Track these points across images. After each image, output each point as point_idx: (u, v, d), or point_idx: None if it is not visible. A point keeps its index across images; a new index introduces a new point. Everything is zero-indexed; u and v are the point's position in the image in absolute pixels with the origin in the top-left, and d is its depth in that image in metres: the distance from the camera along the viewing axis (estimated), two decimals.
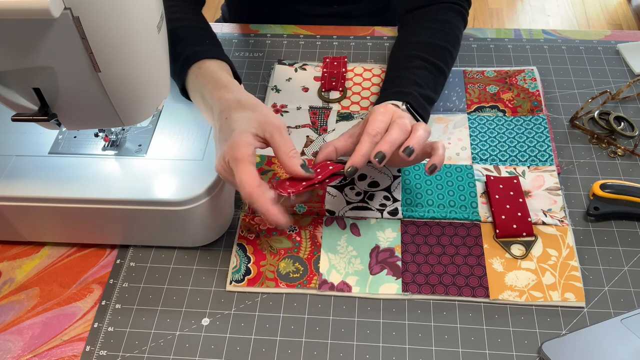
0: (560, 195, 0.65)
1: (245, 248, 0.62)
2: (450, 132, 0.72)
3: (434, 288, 0.58)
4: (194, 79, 0.62)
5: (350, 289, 0.59)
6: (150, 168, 0.59)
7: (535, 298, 0.57)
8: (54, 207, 0.57)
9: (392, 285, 0.59)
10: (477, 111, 0.74)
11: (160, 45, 0.53)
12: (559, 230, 0.62)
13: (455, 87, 0.78)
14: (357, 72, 0.81)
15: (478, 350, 0.55)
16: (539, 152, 0.69)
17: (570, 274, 0.59)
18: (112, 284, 0.61)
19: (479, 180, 0.67)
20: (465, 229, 0.63)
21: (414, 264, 0.60)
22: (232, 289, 0.59)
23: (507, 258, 0.60)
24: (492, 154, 0.69)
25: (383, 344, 0.55)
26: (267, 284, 0.59)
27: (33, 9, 0.40)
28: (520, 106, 0.74)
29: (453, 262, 0.60)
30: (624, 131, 0.72)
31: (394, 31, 0.88)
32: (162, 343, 0.56)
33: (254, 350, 0.55)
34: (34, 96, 0.51)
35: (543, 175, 0.67)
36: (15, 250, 0.64)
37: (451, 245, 0.62)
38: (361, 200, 0.65)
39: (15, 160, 0.60)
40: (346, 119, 0.74)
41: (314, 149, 0.71)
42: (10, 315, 0.59)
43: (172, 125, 0.63)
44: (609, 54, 0.82)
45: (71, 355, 0.56)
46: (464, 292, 0.58)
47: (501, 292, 0.58)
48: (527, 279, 0.59)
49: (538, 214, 0.63)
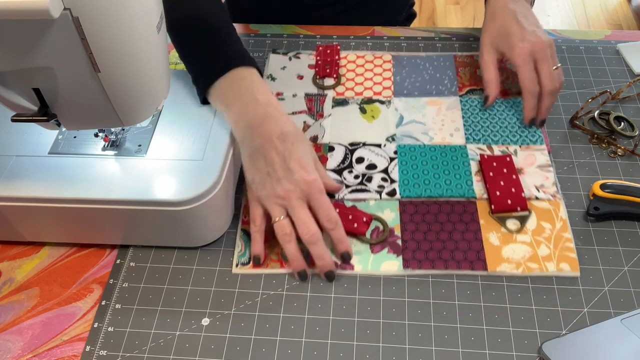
0: (551, 172, 0.67)
1: (249, 234, 0.63)
2: (444, 114, 0.74)
3: (434, 263, 0.60)
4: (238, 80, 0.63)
5: (352, 267, 0.60)
6: (150, 168, 0.59)
7: (531, 269, 0.59)
8: (54, 207, 0.57)
9: (393, 263, 0.60)
10: (469, 94, 0.77)
11: (160, 45, 0.53)
12: (552, 205, 0.64)
13: (447, 71, 0.80)
14: (350, 59, 0.83)
15: (478, 350, 0.55)
16: (529, 132, 0.72)
17: (564, 245, 0.61)
18: (112, 284, 0.61)
19: (473, 159, 0.69)
20: (462, 206, 0.65)
21: (414, 241, 0.62)
22: (239, 272, 0.61)
23: (503, 232, 0.62)
24: (485, 135, 0.72)
25: (383, 344, 0.55)
26: (272, 265, 0.61)
27: (32, 9, 0.40)
28: (510, 89, 0.77)
29: (451, 238, 0.62)
30: (624, 131, 0.72)
31: (394, 31, 0.88)
32: (162, 343, 0.56)
33: (254, 350, 0.55)
34: (34, 96, 0.51)
35: (534, 154, 0.69)
36: (15, 250, 0.64)
37: (449, 222, 0.63)
38: (360, 183, 0.67)
39: (15, 160, 0.60)
40: (341, 104, 0.76)
41: (311, 133, 0.73)
42: (10, 315, 0.59)
43: (172, 125, 0.63)
44: (609, 54, 0.82)
45: (71, 355, 0.56)
46: (462, 266, 0.60)
47: (499, 264, 0.60)
48: (523, 251, 0.61)
49: (531, 189, 0.65)
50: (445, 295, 0.58)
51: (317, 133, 0.73)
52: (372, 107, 0.76)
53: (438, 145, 0.70)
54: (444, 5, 2.38)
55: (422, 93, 0.77)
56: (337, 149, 0.71)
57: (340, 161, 0.69)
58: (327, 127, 0.73)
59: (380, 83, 0.79)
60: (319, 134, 0.72)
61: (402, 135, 0.72)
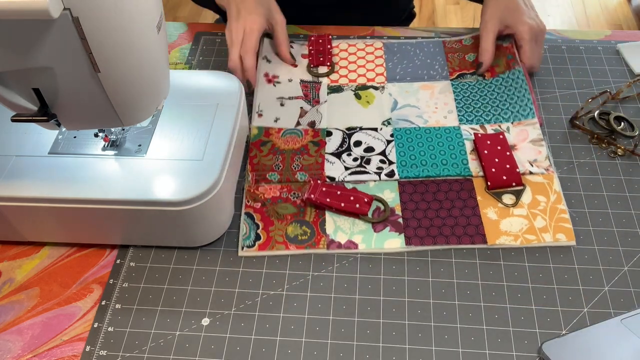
0: (544, 145, 0.69)
1: (252, 216, 0.65)
2: (437, 97, 0.76)
3: (435, 239, 0.62)
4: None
5: (356, 246, 0.62)
6: (150, 168, 0.59)
7: (529, 241, 0.61)
8: (54, 207, 0.57)
9: (395, 240, 0.62)
10: (459, 78, 0.79)
11: (160, 45, 0.53)
12: (546, 178, 0.66)
13: (437, 57, 0.82)
14: (342, 48, 0.84)
15: (478, 350, 0.55)
16: (520, 107, 0.73)
17: (559, 216, 0.63)
18: (112, 284, 0.61)
19: (467, 139, 0.71)
20: (459, 184, 0.67)
21: (414, 219, 0.64)
22: (244, 254, 0.62)
23: (500, 207, 0.64)
24: (477, 115, 0.74)
25: (383, 344, 0.55)
26: (277, 247, 0.62)
27: (32, 10, 0.40)
28: (497, 65, 0.78)
29: (450, 214, 0.64)
30: (624, 131, 0.72)
31: (394, 31, 0.88)
32: (162, 343, 0.56)
33: (254, 350, 0.55)
34: (34, 96, 0.51)
35: (527, 129, 0.71)
36: (15, 250, 0.64)
37: (447, 200, 0.65)
38: (359, 165, 0.69)
39: (15, 160, 0.60)
40: (337, 91, 0.78)
41: (308, 119, 0.74)
42: (10, 315, 0.59)
43: (172, 125, 0.63)
44: (609, 54, 0.82)
45: (71, 355, 0.56)
46: (463, 241, 0.62)
47: (497, 237, 0.62)
48: (520, 224, 0.63)
49: (525, 165, 0.68)
50: (445, 295, 0.58)
51: (315, 119, 0.74)
52: (367, 93, 0.78)
53: (433, 127, 0.73)
54: (443, 5, 2.38)
55: (414, 78, 0.79)
56: (334, 134, 0.72)
57: (338, 145, 0.71)
58: (324, 113, 0.75)
59: (373, 70, 0.81)
60: (316, 120, 0.74)
61: (397, 119, 0.74)
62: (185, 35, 0.89)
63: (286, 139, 0.72)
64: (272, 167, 0.69)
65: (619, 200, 0.65)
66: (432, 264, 0.61)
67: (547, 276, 0.59)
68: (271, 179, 0.68)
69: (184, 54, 0.85)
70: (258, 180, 0.68)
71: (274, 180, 0.67)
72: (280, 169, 0.68)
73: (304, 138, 0.72)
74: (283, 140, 0.71)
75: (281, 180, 0.67)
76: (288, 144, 0.71)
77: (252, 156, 0.70)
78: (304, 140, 0.71)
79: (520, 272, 0.60)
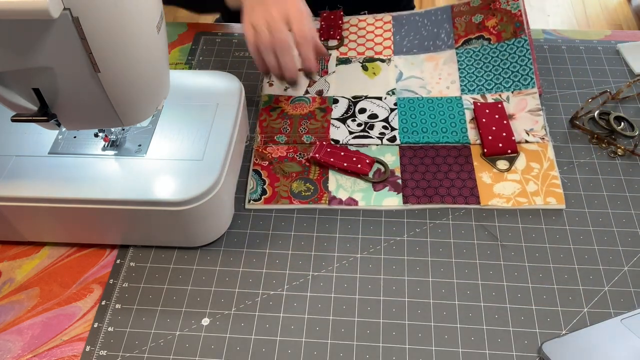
0: (541, 115, 0.72)
1: (260, 173, 0.69)
2: (441, 69, 0.79)
3: (432, 198, 0.66)
4: None
5: (357, 203, 0.66)
6: (150, 168, 0.59)
7: (520, 203, 0.64)
8: (54, 207, 0.57)
9: (393, 199, 0.66)
10: (464, 44, 0.80)
11: (160, 45, 0.53)
12: (540, 146, 0.69)
13: (444, 24, 0.83)
14: (352, 23, 0.86)
15: (478, 350, 0.55)
16: (521, 76, 0.75)
17: (551, 182, 0.66)
18: (112, 284, 0.61)
19: (467, 108, 0.74)
20: (457, 150, 0.70)
21: (412, 180, 0.67)
22: (251, 207, 0.66)
23: (495, 172, 0.68)
24: (479, 84, 0.76)
25: (383, 344, 0.55)
26: (282, 201, 0.66)
27: (32, 10, 0.40)
28: (504, 30, 0.79)
29: (447, 177, 0.67)
30: (624, 131, 0.72)
31: None
32: (162, 343, 0.56)
33: (254, 350, 0.55)
34: (34, 96, 0.51)
35: (526, 99, 0.74)
36: (15, 250, 0.64)
37: (445, 164, 0.69)
38: (362, 130, 0.72)
39: (15, 160, 0.60)
40: (345, 63, 0.81)
41: (316, 88, 0.78)
42: (10, 315, 0.59)
43: (172, 125, 0.63)
44: (609, 54, 0.82)
45: (71, 355, 0.56)
46: (458, 201, 0.65)
47: (490, 199, 0.65)
48: (513, 187, 0.66)
49: (521, 133, 0.70)
50: (445, 295, 0.58)
51: (322, 88, 0.78)
52: (374, 65, 0.80)
53: (435, 97, 0.75)
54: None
55: (420, 50, 0.81)
56: (341, 101, 0.76)
57: (344, 111, 0.75)
58: (331, 83, 0.78)
59: (381, 43, 0.83)
60: (324, 89, 0.78)
61: (401, 89, 0.77)
62: (185, 35, 0.89)
63: (294, 105, 0.76)
64: (280, 130, 0.73)
65: (619, 200, 0.65)
66: (432, 264, 0.61)
67: (547, 276, 0.59)
68: (279, 140, 0.72)
69: (184, 54, 0.85)
70: (266, 141, 0.72)
71: (282, 141, 0.72)
72: (288, 132, 0.72)
73: (311, 105, 0.76)
74: (292, 106, 0.76)
75: (288, 142, 0.72)
76: (296, 109, 0.75)
77: (262, 120, 0.74)
78: (312, 107, 0.75)
79: (521, 272, 0.60)
